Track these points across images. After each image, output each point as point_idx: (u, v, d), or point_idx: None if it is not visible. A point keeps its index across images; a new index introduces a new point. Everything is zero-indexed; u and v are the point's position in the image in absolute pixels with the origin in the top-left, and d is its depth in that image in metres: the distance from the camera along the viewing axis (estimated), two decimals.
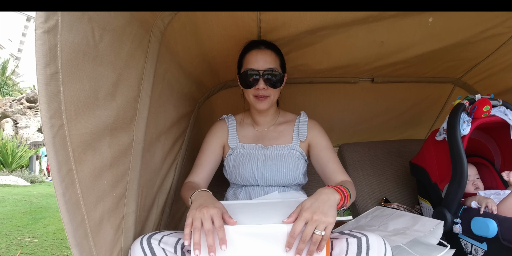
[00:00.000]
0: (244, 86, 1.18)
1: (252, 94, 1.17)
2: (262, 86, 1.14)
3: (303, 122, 1.27)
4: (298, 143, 1.24)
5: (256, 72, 1.14)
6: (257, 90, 1.15)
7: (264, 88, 1.15)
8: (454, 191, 1.15)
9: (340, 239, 0.82)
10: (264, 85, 1.14)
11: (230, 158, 1.24)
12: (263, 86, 1.14)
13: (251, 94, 1.18)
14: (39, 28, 0.57)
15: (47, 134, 0.60)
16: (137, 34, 0.91)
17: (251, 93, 1.18)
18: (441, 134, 1.26)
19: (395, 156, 1.79)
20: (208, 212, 0.77)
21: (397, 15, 1.20)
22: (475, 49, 1.43)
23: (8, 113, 12.20)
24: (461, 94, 1.83)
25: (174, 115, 1.28)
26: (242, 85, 1.19)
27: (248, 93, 1.19)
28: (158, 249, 0.83)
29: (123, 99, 0.86)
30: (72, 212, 0.66)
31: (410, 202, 1.63)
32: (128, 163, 0.90)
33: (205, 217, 0.76)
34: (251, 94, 1.18)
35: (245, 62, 1.18)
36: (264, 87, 1.14)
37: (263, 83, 1.14)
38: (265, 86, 1.15)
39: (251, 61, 1.16)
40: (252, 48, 1.18)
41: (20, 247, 2.48)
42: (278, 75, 1.15)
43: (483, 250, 1.07)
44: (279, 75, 1.16)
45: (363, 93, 1.83)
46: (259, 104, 1.18)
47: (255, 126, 1.30)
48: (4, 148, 7.54)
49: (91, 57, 0.72)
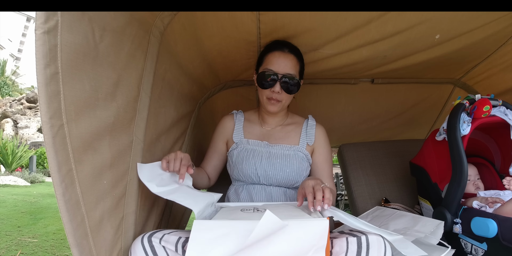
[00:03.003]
0: (260, 86, 1.18)
1: (266, 95, 1.18)
2: (278, 90, 1.15)
3: (311, 126, 1.29)
4: (305, 146, 1.25)
5: (275, 74, 1.14)
6: (272, 93, 1.16)
7: (279, 92, 1.15)
8: (454, 191, 1.15)
9: (340, 238, 0.82)
10: (279, 89, 1.15)
11: (233, 152, 1.25)
12: (279, 90, 1.15)
13: (265, 95, 1.18)
14: (39, 29, 0.57)
15: (47, 134, 0.60)
16: (137, 34, 0.91)
17: (265, 94, 1.18)
18: (441, 134, 1.26)
19: (395, 156, 1.79)
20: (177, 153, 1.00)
21: (400, 32, 1.22)
22: (475, 50, 1.43)
23: (8, 113, 12.20)
24: (461, 95, 1.83)
25: (174, 115, 1.28)
26: (258, 84, 1.19)
27: (262, 93, 1.19)
28: (159, 248, 0.83)
29: (123, 100, 0.86)
30: (72, 212, 0.66)
31: (410, 202, 1.63)
32: (128, 163, 0.90)
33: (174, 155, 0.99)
34: (265, 95, 1.19)
35: (266, 62, 1.18)
36: (279, 90, 1.15)
37: (279, 87, 1.15)
38: (280, 90, 1.15)
39: (272, 62, 1.16)
40: (276, 48, 1.18)
41: (20, 247, 2.48)
42: (295, 82, 1.16)
43: (483, 250, 1.07)
44: (296, 81, 1.17)
45: (363, 94, 1.83)
46: (271, 107, 1.19)
47: (263, 125, 1.31)
48: (4, 148, 7.53)
49: (92, 58, 0.72)
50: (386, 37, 1.25)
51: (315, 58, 1.41)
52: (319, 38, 1.26)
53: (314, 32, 1.22)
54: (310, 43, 1.29)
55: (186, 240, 0.86)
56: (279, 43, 1.21)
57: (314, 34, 1.23)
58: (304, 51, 1.34)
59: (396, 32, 1.22)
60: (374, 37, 1.25)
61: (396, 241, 0.81)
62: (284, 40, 1.24)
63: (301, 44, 1.29)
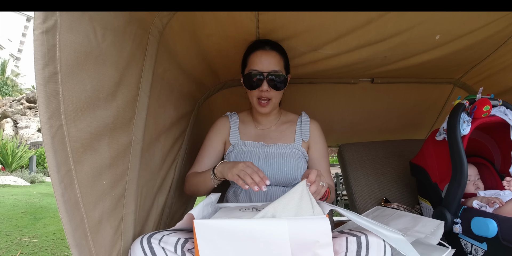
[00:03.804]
0: (247, 87, 1.18)
1: (255, 96, 1.18)
2: (266, 88, 1.15)
3: (305, 122, 1.29)
4: (300, 143, 1.26)
5: (260, 74, 1.14)
6: (261, 92, 1.16)
7: (267, 90, 1.15)
8: (454, 191, 1.15)
9: (339, 238, 0.82)
10: (267, 87, 1.15)
11: (231, 155, 1.24)
12: (267, 88, 1.15)
13: (255, 96, 1.18)
14: (37, 29, 0.57)
15: (45, 134, 0.60)
16: (137, 33, 0.91)
17: (255, 95, 1.18)
18: (441, 134, 1.26)
19: (395, 156, 1.79)
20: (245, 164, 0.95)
21: (400, 32, 1.22)
22: (476, 51, 1.43)
23: (8, 113, 12.21)
24: (461, 95, 1.83)
25: (174, 115, 1.28)
26: (246, 86, 1.19)
27: (252, 94, 1.19)
28: (158, 249, 0.83)
29: (123, 99, 0.86)
30: (71, 213, 0.66)
31: (410, 202, 1.63)
32: (127, 163, 0.89)
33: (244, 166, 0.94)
34: (255, 97, 1.19)
35: (249, 63, 1.18)
36: (267, 89, 1.15)
37: (267, 85, 1.15)
38: (268, 88, 1.15)
39: (255, 62, 1.16)
40: (257, 48, 1.18)
41: (20, 247, 2.48)
42: (281, 77, 1.16)
43: (483, 250, 1.07)
44: (282, 77, 1.16)
45: (363, 94, 1.83)
46: (262, 109, 1.20)
47: (257, 125, 1.31)
48: (4, 148, 7.53)
49: (94, 57, 0.72)
50: (386, 37, 1.25)
51: (314, 58, 1.41)
52: (318, 39, 1.26)
53: (313, 32, 1.22)
54: (309, 43, 1.29)
55: (185, 241, 0.86)
56: (259, 42, 1.20)
57: (314, 34, 1.23)
58: (303, 51, 1.34)
59: (396, 33, 1.22)
60: (374, 38, 1.25)
61: (396, 240, 0.80)
62: (264, 39, 1.24)
63: (301, 44, 1.29)
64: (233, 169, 0.96)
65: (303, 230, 0.74)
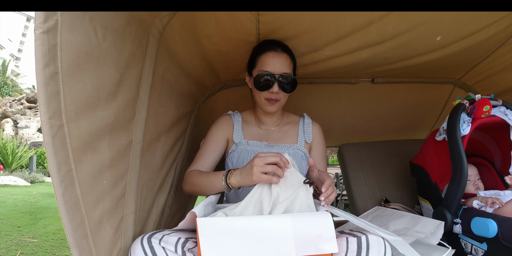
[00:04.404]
0: (257, 88, 1.18)
1: (264, 96, 1.18)
2: (276, 90, 1.15)
3: (308, 124, 1.31)
4: (303, 144, 1.27)
5: (272, 75, 1.14)
6: (270, 94, 1.16)
7: (277, 92, 1.15)
8: (454, 191, 1.15)
9: (340, 238, 0.82)
10: (278, 89, 1.15)
11: (234, 154, 1.23)
12: (277, 90, 1.15)
13: (263, 96, 1.18)
14: (38, 28, 0.57)
15: (46, 134, 0.60)
16: (137, 34, 0.91)
17: (263, 96, 1.18)
18: (441, 134, 1.26)
19: (395, 156, 1.79)
20: (258, 158, 0.88)
21: (401, 33, 1.22)
22: (476, 51, 1.43)
23: (8, 113, 12.20)
24: (461, 95, 1.83)
25: (174, 115, 1.28)
26: (255, 87, 1.18)
27: (260, 95, 1.19)
28: (159, 248, 0.83)
29: (123, 99, 0.86)
30: (71, 213, 0.66)
31: (410, 202, 1.63)
32: (127, 163, 0.89)
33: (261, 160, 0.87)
34: (263, 97, 1.18)
35: (260, 63, 1.17)
36: (277, 91, 1.15)
37: (277, 87, 1.15)
38: (278, 90, 1.15)
39: (267, 63, 1.15)
40: (268, 49, 1.17)
41: (20, 247, 2.47)
42: (292, 80, 1.16)
43: (483, 250, 1.07)
44: (293, 80, 1.17)
45: (363, 94, 1.83)
46: (270, 107, 1.19)
47: (260, 125, 1.30)
48: (4, 148, 7.52)
49: (95, 57, 0.72)
50: (387, 39, 1.25)
51: (315, 59, 1.41)
52: (318, 39, 1.26)
53: (313, 33, 1.22)
54: (309, 44, 1.29)
55: (185, 240, 0.86)
56: (271, 43, 1.20)
57: (314, 35, 1.23)
58: (303, 52, 1.34)
59: (396, 34, 1.22)
60: (375, 39, 1.25)
61: (393, 241, 0.81)
62: (274, 40, 1.23)
63: (301, 45, 1.29)
64: (253, 171, 0.88)
65: (306, 225, 0.75)
